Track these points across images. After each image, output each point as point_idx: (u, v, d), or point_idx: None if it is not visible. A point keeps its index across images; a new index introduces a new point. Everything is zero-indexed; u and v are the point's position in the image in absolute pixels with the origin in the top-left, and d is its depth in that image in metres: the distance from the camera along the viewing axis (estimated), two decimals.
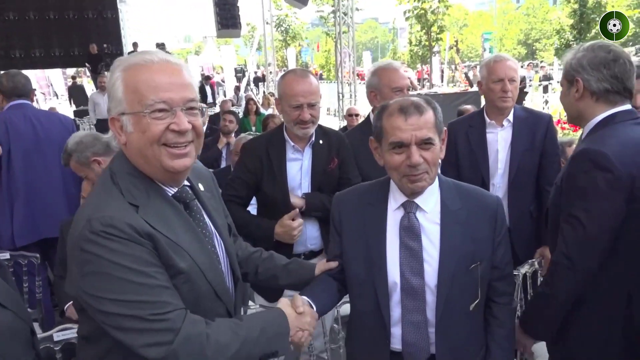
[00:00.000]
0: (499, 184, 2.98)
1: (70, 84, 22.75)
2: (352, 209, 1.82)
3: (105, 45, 14.57)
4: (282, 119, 2.66)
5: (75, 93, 18.04)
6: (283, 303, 1.60)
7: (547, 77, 19.76)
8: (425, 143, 1.63)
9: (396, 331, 1.74)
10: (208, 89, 17.83)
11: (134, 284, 1.27)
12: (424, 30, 29.77)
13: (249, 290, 2.83)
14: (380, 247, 1.73)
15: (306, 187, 2.63)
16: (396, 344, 1.75)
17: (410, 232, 1.71)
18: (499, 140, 3.00)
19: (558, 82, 19.78)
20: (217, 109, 12.54)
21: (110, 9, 14.59)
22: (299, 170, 2.63)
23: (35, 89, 4.06)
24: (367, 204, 1.80)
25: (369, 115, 3.02)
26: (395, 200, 1.76)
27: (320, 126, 2.68)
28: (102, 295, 1.27)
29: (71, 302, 2.97)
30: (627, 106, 1.87)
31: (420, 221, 1.72)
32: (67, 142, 2.56)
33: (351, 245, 1.79)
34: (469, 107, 6.34)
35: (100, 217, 1.27)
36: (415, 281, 1.69)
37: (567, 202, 1.83)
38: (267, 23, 20.65)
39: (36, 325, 3.02)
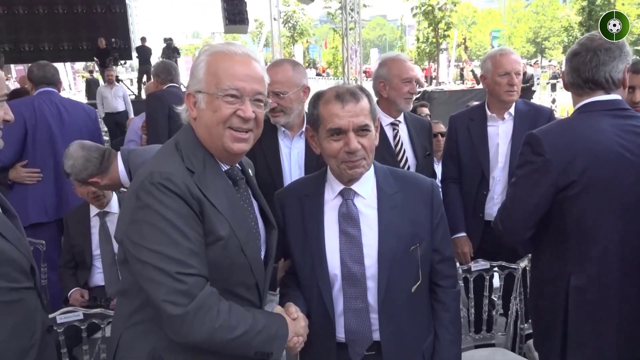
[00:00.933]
0: (499, 177, 2.99)
1: (75, 78, 22.87)
2: (291, 203, 1.83)
3: (113, 40, 14.63)
4: None
5: (92, 86, 18.10)
6: (278, 310, 1.66)
7: (556, 76, 19.64)
8: (362, 130, 1.66)
9: (340, 321, 1.75)
10: None
11: (171, 239, 1.37)
12: (431, 27, 29.62)
13: None
14: (319, 237, 1.74)
15: (296, 176, 2.62)
16: (340, 334, 1.76)
17: (348, 218, 1.73)
18: (500, 133, 3.00)
19: None
20: None
21: (118, 4, 14.65)
22: (288, 159, 2.64)
23: (62, 82, 4.15)
24: (304, 196, 1.82)
25: None
26: (332, 189, 1.77)
27: None
28: (142, 243, 1.38)
29: (75, 289, 3.02)
30: (605, 96, 1.90)
31: (358, 207, 1.74)
32: (62, 163, 2.58)
33: (293, 239, 1.81)
34: (477, 103, 6.33)
35: (161, 172, 1.41)
36: (356, 268, 1.70)
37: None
38: (274, 19, 20.63)
39: None
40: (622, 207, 1.81)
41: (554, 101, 15.82)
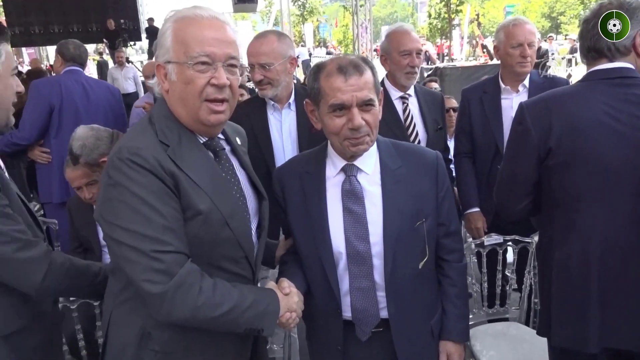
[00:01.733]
0: None
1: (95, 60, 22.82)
2: (292, 181, 1.76)
3: (122, 21, 14.59)
4: None
5: (103, 69, 18.12)
6: (271, 285, 1.61)
7: (573, 50, 19.21)
8: (366, 104, 1.57)
9: (346, 300, 1.71)
10: None
11: (143, 217, 1.32)
12: (443, 3, 29.10)
13: None
14: (322, 215, 1.68)
15: (290, 150, 2.59)
16: (347, 312, 1.72)
17: (352, 195, 1.66)
18: (514, 106, 2.90)
19: None
20: None
21: None
22: (279, 131, 2.60)
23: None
24: (304, 173, 1.74)
25: (382, 81, 2.96)
26: (334, 165, 1.70)
27: (305, 89, 2.61)
28: (115, 222, 1.34)
29: None
30: (607, 65, 1.81)
31: (361, 184, 1.67)
32: (70, 145, 2.56)
33: (295, 218, 1.74)
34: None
35: (129, 146, 1.35)
36: (361, 246, 1.65)
37: None
38: None
39: None
40: (606, 180, 1.72)
41: (569, 76, 15.50)
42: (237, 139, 1.70)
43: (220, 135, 1.61)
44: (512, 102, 2.93)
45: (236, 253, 1.52)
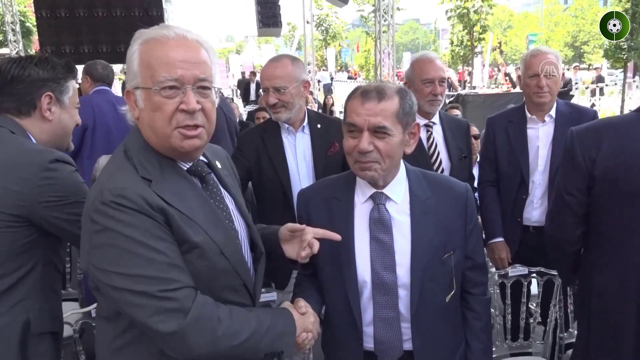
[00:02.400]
0: (538, 181, 2.89)
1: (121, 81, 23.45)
2: (318, 205, 1.75)
3: None
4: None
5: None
6: (286, 305, 1.58)
7: (599, 79, 19.01)
8: (378, 131, 1.55)
9: (369, 330, 1.68)
10: (253, 85, 17.69)
11: (142, 258, 1.24)
12: (466, 30, 29.20)
13: None
14: (349, 242, 1.66)
15: (305, 173, 2.61)
16: (369, 343, 1.69)
17: (380, 224, 1.65)
18: (540, 136, 2.90)
19: (607, 85, 19.08)
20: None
21: (155, 7, 14.87)
22: (293, 154, 2.61)
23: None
24: (332, 198, 1.73)
25: None
26: (362, 192, 1.69)
27: (317, 113, 2.72)
28: (110, 268, 1.26)
29: None
30: None
31: (390, 212, 1.65)
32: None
33: (320, 243, 1.71)
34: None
35: (112, 188, 1.26)
36: (387, 276, 1.62)
37: None
38: (307, 22, 20.71)
39: (76, 305, 3.12)
40: None
41: (592, 106, 15.34)
42: (217, 163, 1.60)
43: (203, 159, 1.52)
44: (538, 131, 2.92)
45: (234, 282, 1.46)
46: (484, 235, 3.01)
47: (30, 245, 1.67)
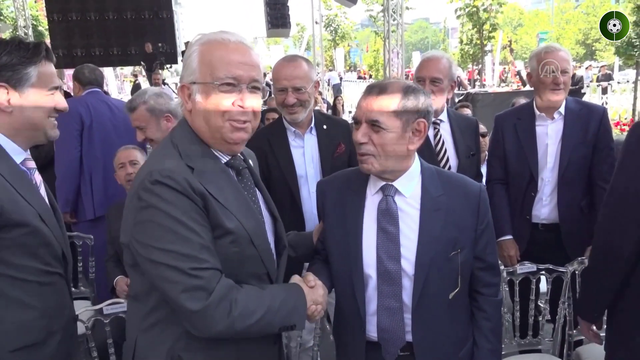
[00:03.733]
0: (548, 179, 2.88)
1: (122, 82, 23.62)
2: (335, 196, 1.80)
3: (160, 45, 15.03)
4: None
5: (135, 91, 18.71)
6: (296, 279, 1.65)
7: (608, 77, 18.83)
8: (373, 124, 1.60)
9: (372, 319, 1.71)
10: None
11: (180, 236, 1.35)
12: (475, 29, 29.08)
13: None
14: (357, 232, 1.70)
15: (312, 174, 2.62)
16: (373, 333, 1.72)
17: (387, 215, 1.68)
18: (549, 133, 2.89)
19: (619, 82, 18.88)
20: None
21: (165, 10, 15.04)
22: (301, 156, 2.62)
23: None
24: (346, 190, 1.78)
25: None
26: (374, 185, 1.73)
27: (323, 114, 2.74)
28: (151, 243, 1.36)
29: (119, 276, 3.01)
30: None
31: (398, 205, 1.68)
32: (145, 90, 2.75)
33: (331, 232, 1.78)
34: (522, 100, 6.16)
35: (160, 169, 1.38)
36: (392, 266, 1.66)
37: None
38: (316, 23, 20.75)
39: (88, 303, 3.16)
40: None
41: (605, 104, 15.18)
42: (250, 161, 1.74)
43: (241, 155, 1.66)
44: (547, 128, 2.91)
45: (259, 270, 1.56)
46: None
47: None
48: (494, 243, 1.81)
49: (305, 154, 2.63)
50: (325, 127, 2.66)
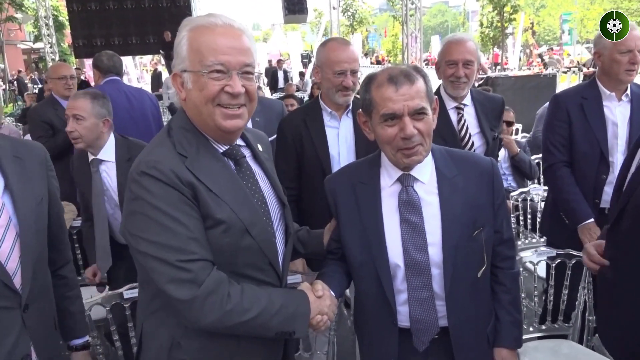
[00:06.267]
0: (619, 161, 2.69)
1: (141, 71, 23.73)
2: (344, 191, 1.75)
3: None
4: (322, 87, 2.68)
5: (155, 79, 18.82)
6: (304, 287, 1.62)
7: None
8: (419, 113, 1.56)
9: (403, 309, 1.69)
10: (281, 73, 17.62)
11: (166, 228, 1.34)
12: (496, 11, 28.49)
13: None
14: (378, 226, 1.66)
15: (344, 155, 2.63)
16: (404, 322, 1.71)
17: (410, 206, 1.65)
18: (617, 114, 2.76)
19: None
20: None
21: None
22: (335, 137, 2.64)
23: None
24: (358, 183, 1.73)
25: (438, 91, 2.86)
26: (389, 175, 1.69)
27: (357, 97, 2.68)
28: (139, 234, 1.37)
29: (91, 267, 3.00)
30: None
31: (419, 194, 1.65)
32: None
33: (347, 228, 1.73)
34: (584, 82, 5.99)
35: (147, 161, 1.38)
36: (420, 257, 1.63)
37: None
38: (333, 8, 20.59)
39: (94, 290, 3.15)
40: None
41: None
42: (259, 146, 1.69)
43: (241, 142, 1.62)
44: (614, 110, 2.77)
45: (260, 260, 1.53)
46: (566, 220, 2.85)
47: None
48: (509, 216, 1.80)
49: (340, 136, 2.65)
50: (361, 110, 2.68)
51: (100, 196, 2.84)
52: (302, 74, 19.11)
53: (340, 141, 2.64)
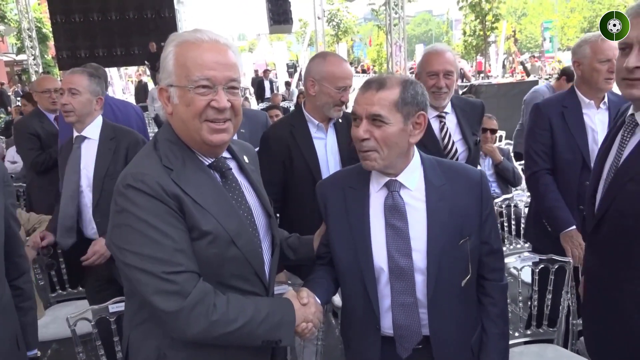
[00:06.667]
0: None
1: (126, 83, 23.60)
2: (334, 195, 1.78)
3: (162, 44, 15.02)
4: (314, 100, 2.65)
5: (139, 90, 18.74)
6: (290, 294, 1.63)
7: None
8: (374, 119, 1.59)
9: (387, 315, 1.70)
10: (267, 83, 17.61)
11: (151, 240, 1.35)
12: (478, 20, 28.90)
13: None
14: (364, 230, 1.68)
15: (333, 164, 2.67)
16: (387, 329, 1.71)
17: (394, 211, 1.66)
18: (596, 122, 2.82)
19: None
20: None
21: (167, 8, 15.08)
22: (323, 148, 2.68)
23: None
24: (348, 188, 1.76)
25: None
26: (377, 181, 1.71)
27: None
28: (124, 246, 1.38)
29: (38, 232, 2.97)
30: None
31: (404, 199, 1.67)
32: None
33: (335, 231, 1.75)
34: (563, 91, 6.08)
35: (133, 173, 1.39)
36: (404, 262, 1.64)
37: None
38: (318, 18, 20.72)
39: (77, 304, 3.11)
40: None
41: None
42: (245, 157, 1.72)
43: (227, 154, 1.64)
44: (593, 118, 2.83)
45: (246, 271, 1.54)
46: (549, 227, 2.88)
47: None
48: (497, 228, 1.81)
49: (327, 146, 2.70)
50: (340, 120, 2.74)
51: (74, 173, 2.84)
52: (288, 84, 19.16)
53: (328, 151, 2.68)
